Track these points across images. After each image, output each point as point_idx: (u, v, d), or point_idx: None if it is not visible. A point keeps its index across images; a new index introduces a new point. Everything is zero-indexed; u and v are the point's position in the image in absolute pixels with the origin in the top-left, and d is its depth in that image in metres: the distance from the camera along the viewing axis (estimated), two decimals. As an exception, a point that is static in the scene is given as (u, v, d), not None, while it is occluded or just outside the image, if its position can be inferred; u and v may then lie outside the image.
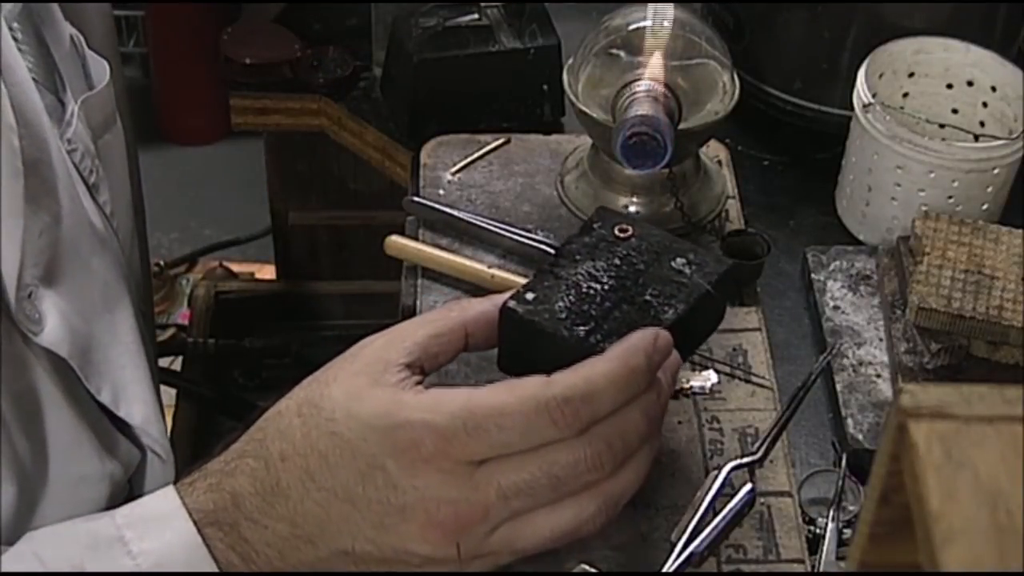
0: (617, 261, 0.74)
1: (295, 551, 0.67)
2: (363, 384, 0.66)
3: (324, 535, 0.66)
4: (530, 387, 0.64)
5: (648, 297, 0.73)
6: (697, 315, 0.74)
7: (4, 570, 0.66)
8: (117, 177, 0.86)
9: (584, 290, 0.72)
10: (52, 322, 0.73)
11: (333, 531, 0.66)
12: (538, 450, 0.64)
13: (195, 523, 0.66)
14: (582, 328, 0.70)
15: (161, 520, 0.67)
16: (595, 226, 0.76)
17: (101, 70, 0.84)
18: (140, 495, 0.72)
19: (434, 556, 0.66)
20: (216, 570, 0.66)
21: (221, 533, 0.66)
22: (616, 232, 0.75)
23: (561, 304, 0.71)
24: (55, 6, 0.81)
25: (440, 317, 0.71)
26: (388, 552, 0.66)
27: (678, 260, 0.75)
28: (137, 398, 0.80)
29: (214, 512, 0.67)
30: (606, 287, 0.72)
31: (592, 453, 0.65)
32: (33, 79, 0.76)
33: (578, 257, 0.74)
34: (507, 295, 0.72)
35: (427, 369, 0.69)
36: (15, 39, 0.75)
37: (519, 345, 0.71)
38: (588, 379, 0.64)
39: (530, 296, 0.71)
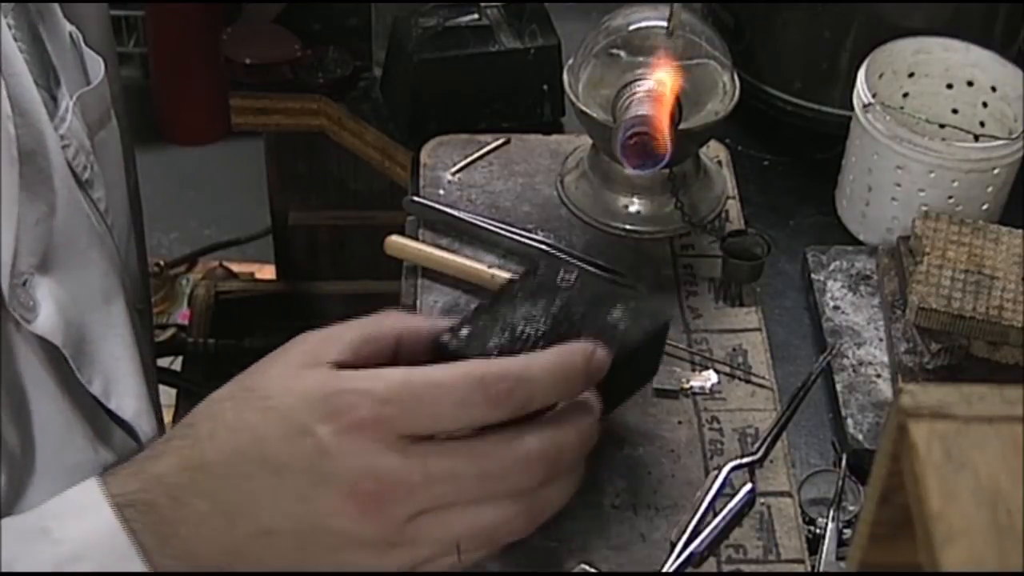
0: (555, 309, 0.74)
1: (211, 531, 0.66)
2: (298, 371, 0.68)
3: (243, 511, 0.66)
4: (469, 364, 0.66)
5: None
6: (624, 369, 0.74)
7: None
8: (112, 174, 0.86)
9: (518, 333, 0.72)
10: (46, 310, 0.73)
11: (254, 506, 0.66)
12: (472, 439, 0.65)
13: (117, 508, 0.66)
14: None
15: (81, 508, 0.67)
16: (539, 272, 0.77)
17: (97, 67, 0.85)
18: None
19: (349, 531, 0.65)
20: (138, 553, 0.66)
21: (137, 514, 0.67)
22: (558, 281, 0.76)
23: (494, 343, 0.71)
24: (54, 3, 0.81)
25: (375, 323, 0.71)
26: (305, 528, 0.66)
27: (615, 313, 0.75)
28: (129, 392, 0.81)
29: (133, 493, 0.67)
30: (540, 332, 0.73)
31: (524, 455, 0.66)
32: None
33: (518, 298, 0.74)
34: (443, 325, 0.72)
35: None
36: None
37: None
38: (526, 364, 0.67)
39: (464, 332, 0.71)
